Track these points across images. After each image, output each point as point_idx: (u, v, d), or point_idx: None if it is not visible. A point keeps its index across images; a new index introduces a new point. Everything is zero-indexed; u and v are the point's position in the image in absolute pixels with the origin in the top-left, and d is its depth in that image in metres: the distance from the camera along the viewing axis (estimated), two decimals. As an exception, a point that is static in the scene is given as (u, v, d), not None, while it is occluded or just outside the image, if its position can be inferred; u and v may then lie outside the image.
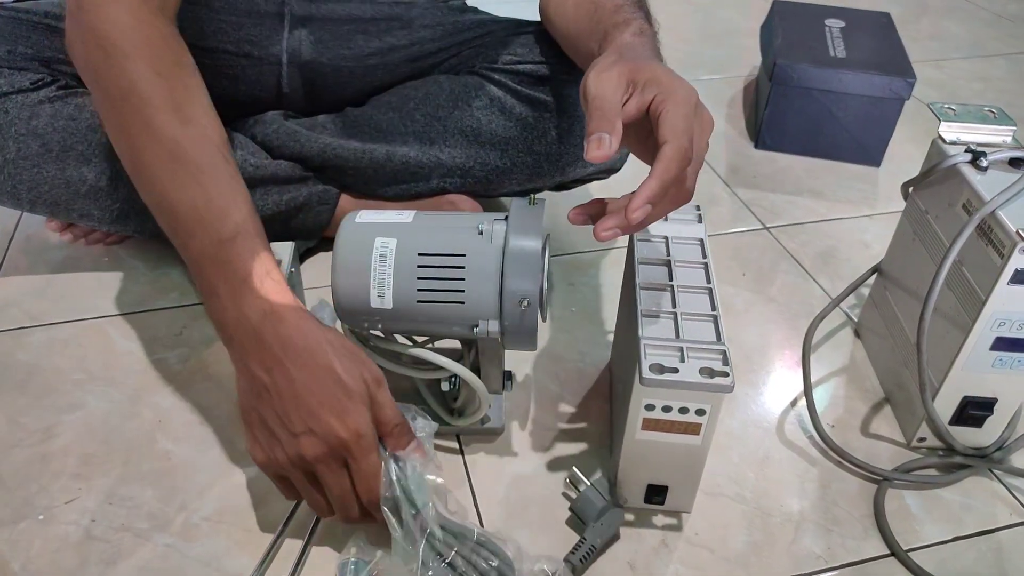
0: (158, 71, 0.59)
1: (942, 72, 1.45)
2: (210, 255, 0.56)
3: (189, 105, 0.60)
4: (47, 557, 0.60)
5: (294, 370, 0.53)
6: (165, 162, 0.58)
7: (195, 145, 0.58)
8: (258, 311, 0.54)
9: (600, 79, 0.54)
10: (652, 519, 0.64)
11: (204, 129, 0.59)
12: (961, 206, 0.63)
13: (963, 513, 0.65)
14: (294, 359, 0.53)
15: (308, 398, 0.53)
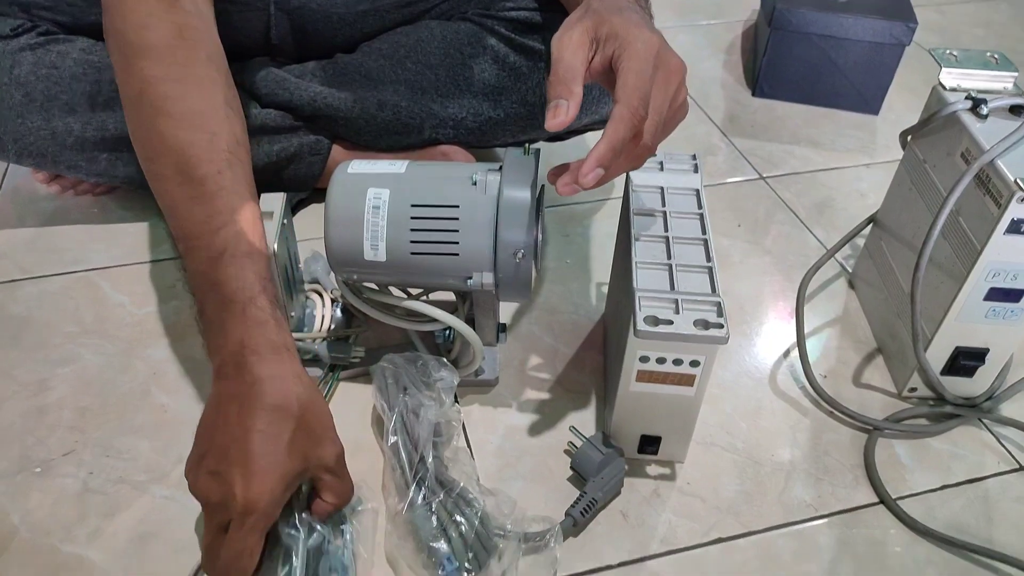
0: (170, 72, 0.57)
1: (944, 17, 1.42)
2: (202, 272, 0.54)
3: (201, 108, 0.58)
4: (46, 509, 0.60)
5: (246, 412, 0.49)
6: (172, 173, 0.56)
7: (201, 155, 0.56)
8: (236, 341, 0.51)
9: (562, 41, 0.52)
10: (645, 469, 0.64)
11: (213, 136, 0.57)
12: (960, 155, 0.62)
13: (952, 462, 0.66)
14: (252, 402, 0.50)
15: (239, 443, 0.49)
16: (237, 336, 0.52)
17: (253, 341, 0.51)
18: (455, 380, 0.62)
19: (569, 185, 0.50)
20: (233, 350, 0.51)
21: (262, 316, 0.52)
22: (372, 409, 0.68)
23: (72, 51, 0.76)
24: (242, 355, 0.51)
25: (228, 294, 0.53)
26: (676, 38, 1.30)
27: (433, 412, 0.60)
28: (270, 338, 0.52)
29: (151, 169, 0.58)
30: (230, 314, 0.52)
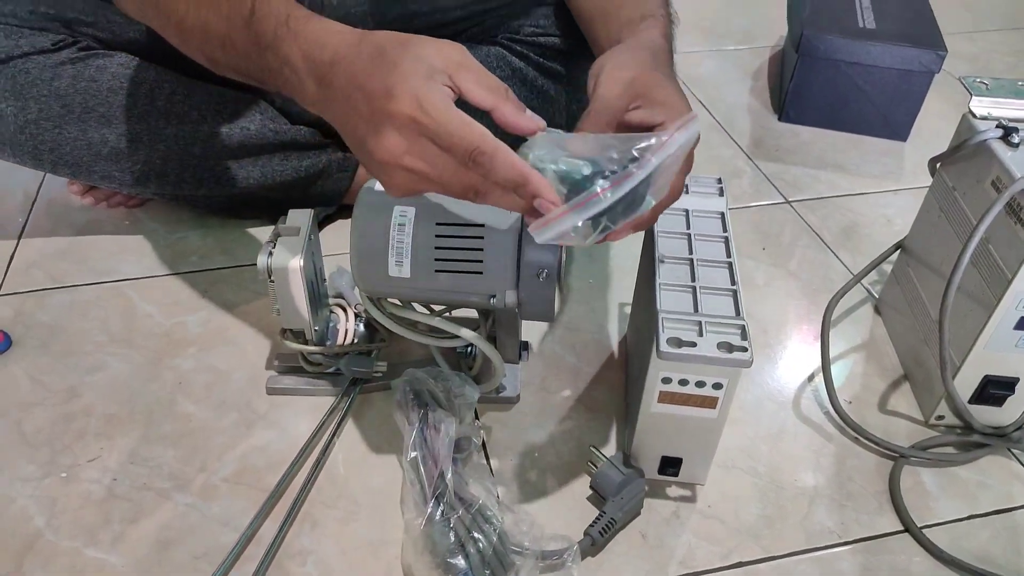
0: None
1: (974, 45, 1.41)
2: (251, 43, 0.53)
3: None
4: (70, 514, 0.61)
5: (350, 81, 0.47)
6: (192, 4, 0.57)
7: None
8: (299, 52, 0.50)
9: (611, 79, 0.51)
10: (665, 490, 0.64)
11: None
12: (990, 183, 0.61)
13: (979, 491, 0.65)
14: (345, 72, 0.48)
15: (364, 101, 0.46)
16: (292, 51, 0.50)
17: (304, 37, 0.50)
18: (476, 396, 0.62)
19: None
20: (297, 64, 0.50)
21: (302, 15, 0.51)
22: (392, 424, 0.68)
23: (111, 65, 0.78)
24: (310, 59, 0.49)
25: (269, 31, 0.52)
26: (703, 63, 1.31)
27: (454, 428, 0.60)
28: (317, 24, 0.51)
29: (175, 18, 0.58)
30: (277, 40, 0.51)
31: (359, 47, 0.48)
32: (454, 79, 0.46)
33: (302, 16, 0.52)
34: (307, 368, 0.71)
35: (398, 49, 0.46)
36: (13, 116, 0.76)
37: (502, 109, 0.46)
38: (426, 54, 0.46)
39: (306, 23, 0.52)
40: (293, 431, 0.67)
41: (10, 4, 0.76)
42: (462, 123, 0.44)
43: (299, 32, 0.51)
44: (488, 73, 0.47)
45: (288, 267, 0.61)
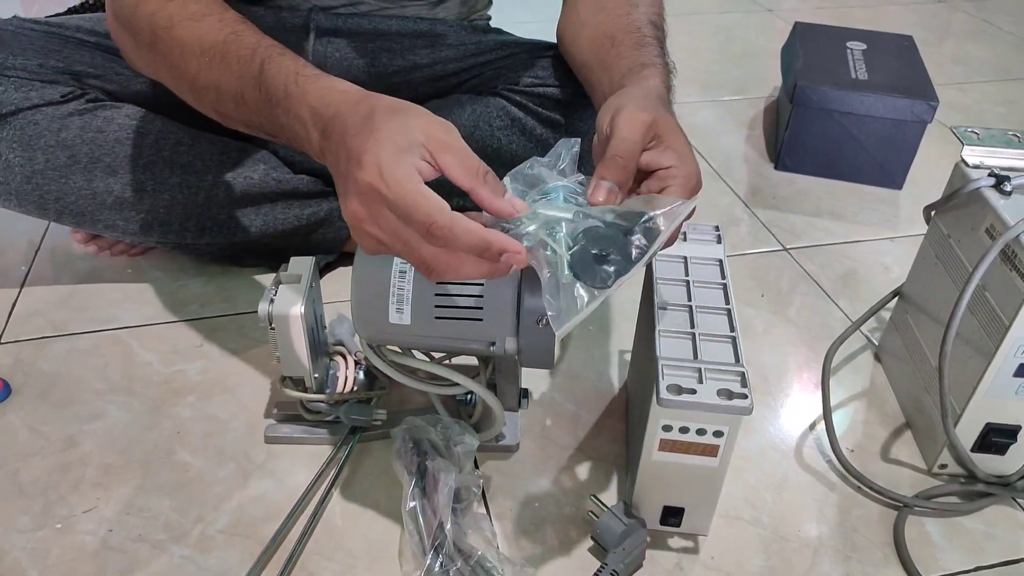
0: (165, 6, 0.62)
1: (966, 95, 1.44)
2: (259, 100, 0.56)
3: (198, 9, 0.62)
4: (64, 566, 0.60)
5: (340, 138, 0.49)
6: (199, 63, 0.60)
7: (213, 30, 0.60)
8: (308, 109, 0.52)
9: (633, 120, 0.51)
10: (668, 541, 0.63)
11: (219, 17, 0.61)
12: (984, 230, 0.62)
13: (985, 542, 0.64)
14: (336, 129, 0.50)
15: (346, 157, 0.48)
16: (301, 108, 0.53)
17: (312, 94, 0.52)
18: (476, 444, 0.62)
19: None
20: (306, 119, 0.52)
21: (311, 74, 0.54)
22: (391, 473, 0.67)
23: (117, 116, 0.80)
24: (316, 114, 0.51)
25: (278, 84, 0.54)
26: (700, 113, 1.33)
27: (453, 477, 0.59)
28: (326, 82, 0.53)
29: (183, 72, 0.62)
30: (285, 99, 0.54)
31: (357, 106, 0.50)
32: (434, 155, 0.47)
33: (311, 74, 0.54)
34: (306, 416, 0.70)
35: (385, 116, 0.48)
36: (20, 166, 0.77)
37: (478, 192, 0.47)
38: (410, 126, 0.47)
39: (315, 81, 0.54)
40: (291, 481, 0.67)
41: (20, 58, 0.78)
42: (418, 195, 0.45)
43: (307, 90, 0.53)
44: (471, 154, 0.48)
45: (289, 314, 0.62)
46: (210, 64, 0.60)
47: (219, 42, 0.60)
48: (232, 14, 0.63)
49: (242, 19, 0.62)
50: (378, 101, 0.50)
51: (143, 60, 0.67)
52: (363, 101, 0.51)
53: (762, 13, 1.81)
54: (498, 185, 0.49)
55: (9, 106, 0.76)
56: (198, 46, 0.61)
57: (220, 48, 0.60)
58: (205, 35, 0.61)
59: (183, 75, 0.63)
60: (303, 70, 0.55)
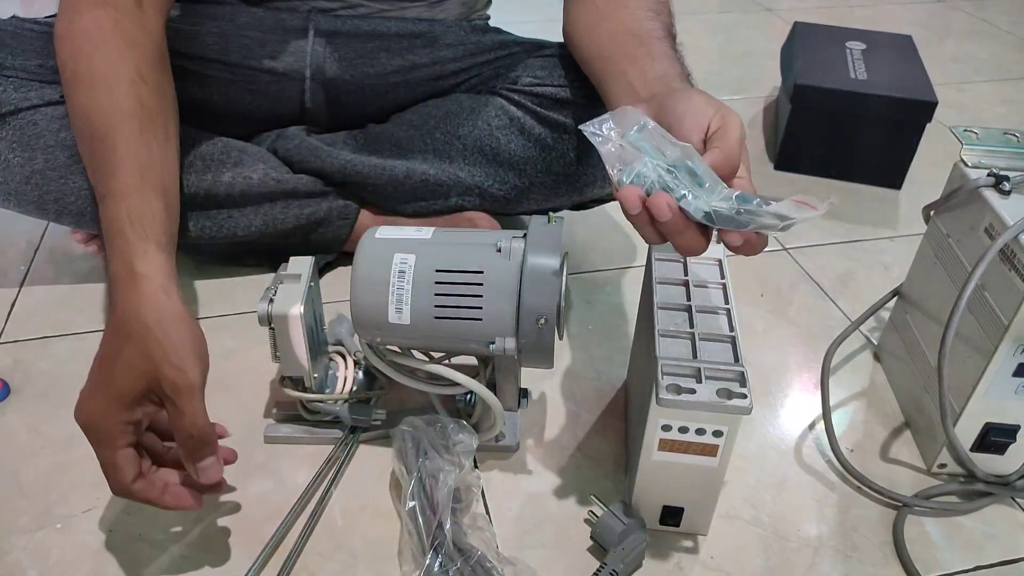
0: (83, 48, 0.64)
1: (964, 95, 1.44)
2: (100, 217, 0.60)
3: (105, 74, 0.64)
4: (64, 566, 0.60)
5: (103, 339, 0.55)
6: (81, 132, 0.64)
7: (101, 112, 0.62)
8: (109, 276, 0.57)
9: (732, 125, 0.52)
10: (667, 541, 0.63)
11: (111, 95, 0.63)
12: (983, 230, 0.62)
13: (985, 542, 0.64)
14: (108, 328, 0.55)
15: (91, 368, 0.54)
16: (110, 271, 0.57)
17: (117, 272, 0.56)
18: (474, 443, 0.62)
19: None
20: (107, 285, 0.58)
21: (124, 247, 0.57)
22: (391, 473, 0.67)
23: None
24: (111, 288, 0.56)
25: (105, 232, 0.59)
26: (699, 112, 1.33)
27: (452, 477, 0.59)
28: (129, 268, 0.56)
29: (75, 132, 0.66)
30: (108, 248, 0.58)
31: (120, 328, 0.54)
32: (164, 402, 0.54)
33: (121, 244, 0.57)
34: (306, 416, 0.70)
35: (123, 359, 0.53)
36: (19, 167, 0.77)
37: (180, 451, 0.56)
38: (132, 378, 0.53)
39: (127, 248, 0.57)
40: (290, 481, 0.67)
41: (20, 58, 0.78)
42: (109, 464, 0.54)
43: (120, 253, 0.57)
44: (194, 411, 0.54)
45: (288, 314, 0.62)
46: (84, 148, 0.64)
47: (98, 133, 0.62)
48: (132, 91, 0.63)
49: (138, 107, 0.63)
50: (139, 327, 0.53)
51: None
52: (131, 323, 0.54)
53: (761, 13, 1.81)
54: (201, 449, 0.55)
55: (8, 106, 0.76)
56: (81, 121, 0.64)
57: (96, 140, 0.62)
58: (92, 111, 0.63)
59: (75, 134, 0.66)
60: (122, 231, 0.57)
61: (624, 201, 0.49)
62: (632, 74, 0.65)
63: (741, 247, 0.48)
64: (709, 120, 0.53)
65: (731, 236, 0.48)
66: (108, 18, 0.65)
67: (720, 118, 0.53)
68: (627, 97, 0.64)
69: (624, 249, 0.98)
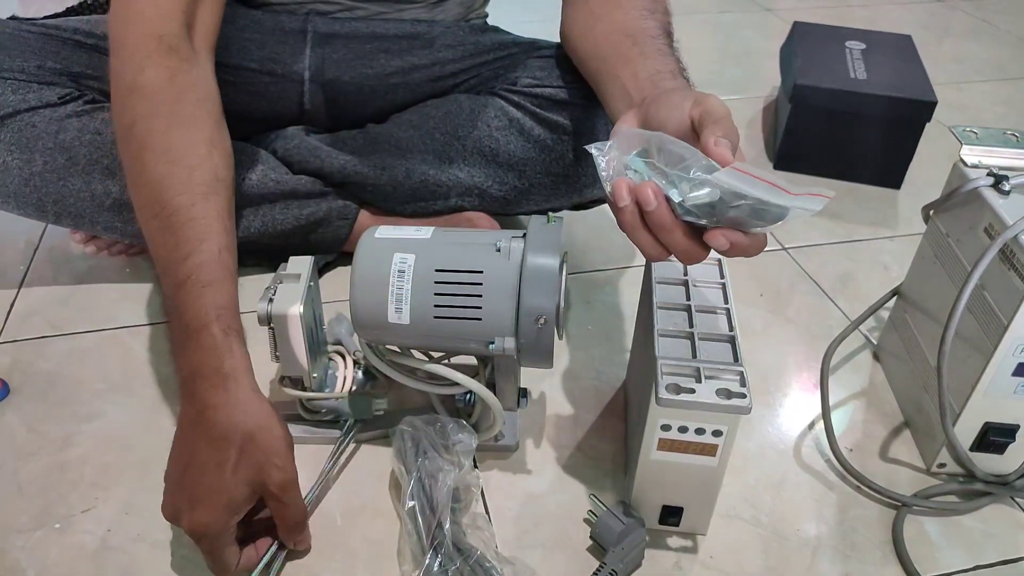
0: (157, 109, 0.62)
1: (964, 95, 1.44)
2: (169, 299, 0.58)
3: (181, 144, 0.61)
4: (63, 566, 0.60)
5: (196, 439, 0.54)
6: (149, 204, 0.60)
7: (176, 187, 0.60)
8: (188, 367, 0.55)
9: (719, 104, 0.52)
10: (667, 540, 0.63)
11: (191, 170, 0.60)
12: (983, 230, 0.62)
13: (984, 541, 0.64)
14: (202, 430, 0.54)
15: (187, 472, 0.54)
16: (189, 363, 0.55)
17: (202, 368, 0.55)
18: (474, 443, 0.62)
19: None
20: (186, 376, 0.55)
21: (212, 343, 0.55)
22: (391, 473, 0.67)
23: (116, 119, 0.80)
24: (193, 382, 0.55)
25: (185, 321, 0.56)
26: (698, 112, 1.33)
27: (452, 477, 0.59)
28: (217, 365, 0.55)
29: (135, 199, 0.62)
30: (185, 340, 0.56)
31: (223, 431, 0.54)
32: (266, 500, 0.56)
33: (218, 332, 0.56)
34: (305, 416, 0.70)
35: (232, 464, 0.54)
36: (18, 169, 0.77)
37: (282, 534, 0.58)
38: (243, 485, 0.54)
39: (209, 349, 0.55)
40: (290, 480, 0.67)
41: (18, 60, 0.78)
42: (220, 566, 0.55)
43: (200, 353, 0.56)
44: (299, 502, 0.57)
45: (288, 314, 0.62)
46: (152, 216, 0.60)
47: (172, 205, 0.59)
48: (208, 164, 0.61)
49: (208, 187, 0.60)
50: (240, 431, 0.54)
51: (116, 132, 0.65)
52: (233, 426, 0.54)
53: (761, 13, 1.81)
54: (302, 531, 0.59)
55: (7, 108, 0.76)
56: (153, 189, 0.60)
57: (168, 211, 0.59)
58: (167, 181, 0.60)
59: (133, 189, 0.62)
60: (209, 325, 0.55)
61: (615, 192, 0.49)
62: (625, 76, 0.66)
63: (730, 250, 0.48)
64: (688, 113, 0.53)
65: (716, 239, 0.47)
66: (178, 71, 0.63)
67: (698, 105, 0.52)
68: (621, 99, 0.64)
69: (623, 249, 0.98)
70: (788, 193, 0.46)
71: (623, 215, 0.50)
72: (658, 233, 0.49)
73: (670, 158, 0.49)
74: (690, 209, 0.47)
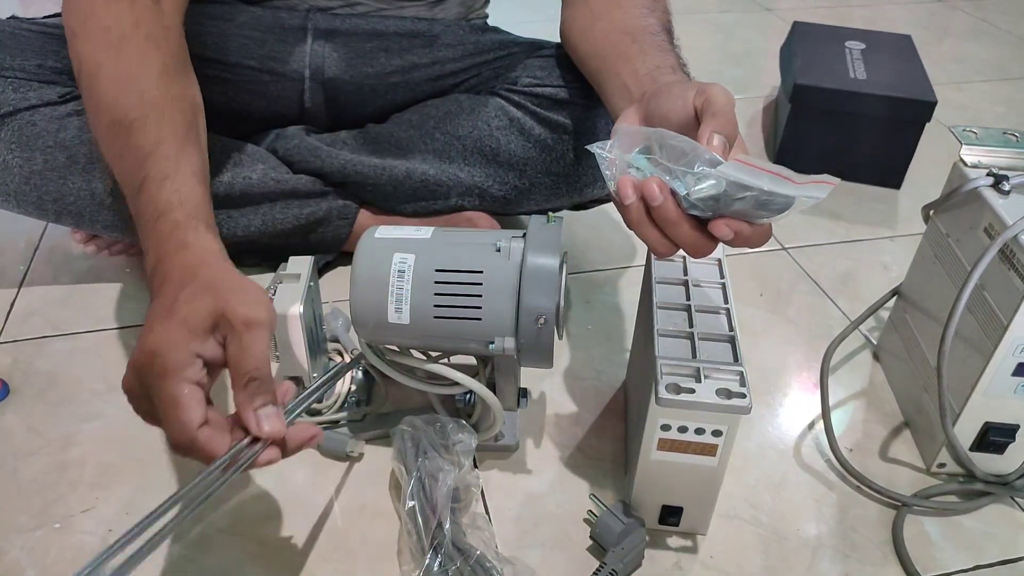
0: (103, 45, 0.61)
1: (964, 95, 1.44)
2: (134, 217, 0.56)
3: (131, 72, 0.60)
4: (63, 566, 0.60)
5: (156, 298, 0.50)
6: (106, 128, 0.59)
7: (129, 107, 0.59)
8: (153, 257, 0.52)
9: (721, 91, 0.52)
10: (667, 540, 0.63)
11: (142, 92, 0.59)
12: (983, 230, 0.62)
13: (984, 541, 0.64)
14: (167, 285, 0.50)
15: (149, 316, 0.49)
16: (153, 256, 0.52)
17: (161, 250, 0.52)
18: (474, 443, 0.62)
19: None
20: (152, 266, 0.52)
21: (172, 226, 0.52)
22: (391, 473, 0.67)
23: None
24: (155, 267, 0.51)
25: (146, 215, 0.54)
26: (698, 112, 1.33)
27: (452, 476, 0.59)
28: (179, 241, 0.52)
29: (96, 132, 0.62)
30: (150, 232, 0.53)
31: (182, 272, 0.50)
32: (227, 343, 0.48)
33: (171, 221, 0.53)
34: (306, 415, 0.70)
35: (193, 293, 0.48)
36: (19, 167, 0.77)
37: (235, 397, 0.48)
38: (209, 307, 0.47)
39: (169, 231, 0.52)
40: (290, 480, 0.67)
41: (18, 58, 0.78)
42: (169, 401, 0.45)
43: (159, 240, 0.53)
44: (250, 353, 0.47)
45: (288, 314, 0.62)
46: (113, 140, 0.59)
47: (126, 121, 0.58)
48: (155, 92, 0.60)
49: (164, 101, 0.59)
50: (201, 273, 0.50)
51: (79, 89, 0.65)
52: (190, 269, 0.50)
53: (761, 12, 1.81)
54: (258, 395, 0.48)
55: (7, 107, 0.76)
56: (109, 113, 0.59)
57: (124, 129, 0.58)
58: (120, 102, 0.59)
59: (95, 130, 0.62)
60: (170, 212, 0.53)
61: (620, 190, 0.49)
62: (625, 73, 0.66)
63: (734, 240, 0.48)
64: (692, 103, 0.53)
65: (720, 230, 0.47)
66: (128, 15, 0.62)
67: (701, 94, 0.52)
68: (622, 96, 0.64)
69: (624, 249, 0.98)
70: (792, 182, 0.47)
71: (629, 212, 0.49)
72: (665, 228, 0.49)
73: (672, 153, 0.49)
74: (695, 203, 0.47)
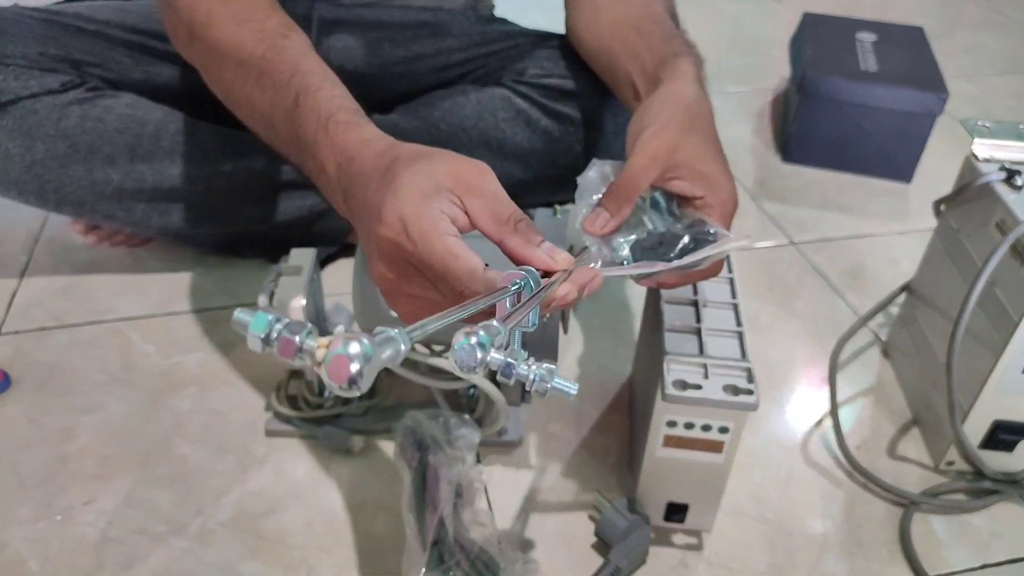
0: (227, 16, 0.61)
1: (976, 87, 1.42)
2: (291, 140, 0.54)
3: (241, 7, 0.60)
4: (64, 558, 0.60)
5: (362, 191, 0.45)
6: (234, 71, 0.59)
7: (253, 39, 0.58)
8: (334, 164, 0.49)
9: (645, 150, 0.51)
10: (671, 538, 0.62)
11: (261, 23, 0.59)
12: (994, 225, 0.61)
13: (992, 540, 0.64)
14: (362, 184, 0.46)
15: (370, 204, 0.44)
16: (332, 157, 0.49)
17: (343, 145, 0.49)
18: (477, 438, 0.61)
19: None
20: (331, 175, 0.49)
21: (340, 128, 0.50)
22: (392, 467, 0.67)
23: (117, 106, 0.79)
24: (344, 165, 0.48)
25: (308, 127, 0.51)
26: (706, 103, 1.31)
27: (455, 472, 0.59)
28: (354, 133, 0.50)
29: (218, 81, 0.61)
30: (316, 142, 0.50)
31: (379, 158, 0.46)
32: (463, 200, 0.43)
33: (341, 122, 0.51)
34: (307, 410, 0.70)
35: (407, 163, 0.44)
36: (20, 156, 0.77)
37: (508, 243, 0.43)
38: (434, 170, 0.43)
39: (344, 131, 0.50)
40: (291, 474, 0.66)
41: (20, 46, 0.77)
42: (447, 255, 0.40)
43: (335, 142, 0.50)
44: (503, 200, 0.43)
45: (290, 307, 0.61)
46: (245, 79, 0.58)
47: (256, 57, 0.58)
48: (275, 22, 0.60)
49: (284, 30, 0.60)
50: (401, 150, 0.46)
51: (184, 52, 0.66)
52: (387, 152, 0.46)
53: (769, 3, 1.79)
54: (532, 233, 0.43)
55: (8, 95, 0.75)
56: (234, 56, 0.59)
57: (257, 64, 0.57)
58: (243, 44, 0.58)
59: (218, 82, 0.61)
60: (336, 114, 0.51)
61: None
62: (633, 70, 0.65)
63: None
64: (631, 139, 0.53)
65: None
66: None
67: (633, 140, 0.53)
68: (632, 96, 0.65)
69: (629, 242, 0.97)
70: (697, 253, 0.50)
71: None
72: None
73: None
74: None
